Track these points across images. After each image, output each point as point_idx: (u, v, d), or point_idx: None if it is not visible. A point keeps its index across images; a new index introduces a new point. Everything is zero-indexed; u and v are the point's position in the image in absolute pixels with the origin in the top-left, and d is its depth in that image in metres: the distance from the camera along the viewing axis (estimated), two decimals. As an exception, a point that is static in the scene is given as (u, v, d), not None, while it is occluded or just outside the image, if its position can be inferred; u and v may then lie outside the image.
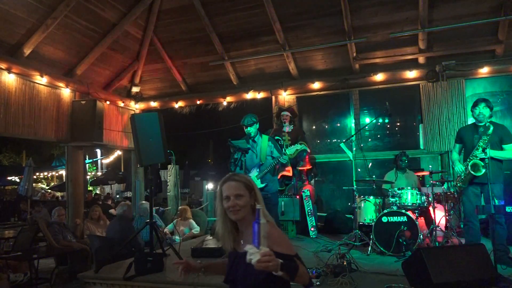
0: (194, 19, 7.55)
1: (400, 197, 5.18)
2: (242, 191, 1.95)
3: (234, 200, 1.92)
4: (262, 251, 1.58)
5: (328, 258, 4.12)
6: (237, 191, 1.94)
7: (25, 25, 6.13)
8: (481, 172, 4.12)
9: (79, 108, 7.35)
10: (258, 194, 2.02)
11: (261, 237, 1.61)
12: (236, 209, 1.92)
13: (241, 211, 1.93)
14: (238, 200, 1.93)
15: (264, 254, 1.57)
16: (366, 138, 7.93)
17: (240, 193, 1.94)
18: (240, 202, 1.93)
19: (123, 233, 5.33)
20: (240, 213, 1.93)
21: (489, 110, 4.29)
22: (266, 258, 1.57)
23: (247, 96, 8.39)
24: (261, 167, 4.58)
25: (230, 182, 1.98)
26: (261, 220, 1.64)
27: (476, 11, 6.43)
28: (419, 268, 3.05)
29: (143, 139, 4.31)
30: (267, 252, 1.59)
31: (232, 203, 1.92)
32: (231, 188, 1.95)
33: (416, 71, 7.17)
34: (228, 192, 1.95)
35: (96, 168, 23.57)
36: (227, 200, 1.94)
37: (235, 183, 1.97)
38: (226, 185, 1.98)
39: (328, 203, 7.97)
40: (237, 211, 1.92)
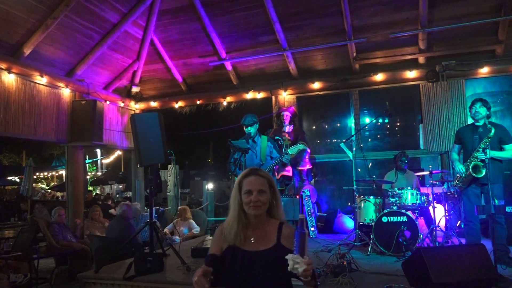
0: (194, 19, 7.55)
1: (400, 197, 5.18)
2: (265, 187, 1.92)
3: (257, 195, 1.89)
4: (306, 261, 1.60)
5: (328, 258, 4.12)
6: (261, 186, 1.91)
7: (25, 25, 6.12)
8: (482, 173, 4.12)
9: (79, 108, 7.35)
10: (277, 192, 2.00)
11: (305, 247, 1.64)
12: (258, 205, 1.88)
13: (261, 208, 1.90)
14: (261, 196, 1.89)
15: (309, 263, 1.60)
16: (366, 138, 7.93)
17: (263, 189, 1.91)
18: (263, 198, 1.89)
19: (123, 233, 5.33)
20: (261, 210, 1.90)
21: (485, 109, 4.31)
22: (311, 266, 1.60)
23: (247, 96, 8.39)
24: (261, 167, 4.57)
25: (254, 176, 1.94)
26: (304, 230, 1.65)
27: (476, 11, 6.43)
28: (419, 268, 3.05)
29: (143, 139, 4.31)
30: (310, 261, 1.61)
31: (255, 198, 1.88)
32: (255, 183, 1.91)
33: (416, 71, 7.17)
34: (251, 186, 1.90)
35: (96, 168, 23.57)
36: (248, 194, 1.90)
37: (259, 179, 1.93)
38: (249, 179, 1.94)
39: (328, 203, 7.97)
40: (258, 207, 1.88)
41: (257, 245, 1.90)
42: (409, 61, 7.26)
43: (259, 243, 1.91)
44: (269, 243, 1.84)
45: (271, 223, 1.94)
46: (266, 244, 1.85)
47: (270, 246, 1.84)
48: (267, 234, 1.88)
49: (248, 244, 1.91)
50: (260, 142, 4.69)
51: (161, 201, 13.39)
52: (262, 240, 1.90)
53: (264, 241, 1.88)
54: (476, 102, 4.38)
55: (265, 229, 1.93)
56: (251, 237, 1.93)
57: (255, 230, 1.94)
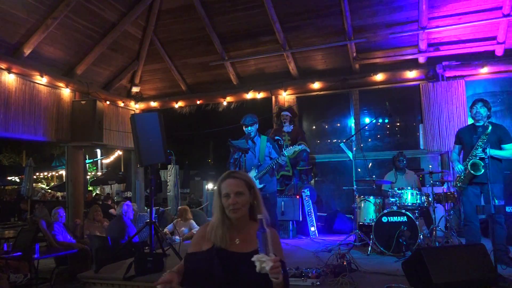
0: (194, 19, 7.55)
1: (400, 197, 5.18)
2: (242, 189, 1.92)
3: (234, 197, 1.89)
4: (273, 258, 1.59)
5: (328, 258, 4.12)
6: (237, 188, 1.91)
7: (25, 25, 6.13)
8: (481, 171, 4.12)
9: (79, 108, 7.35)
10: (257, 192, 1.99)
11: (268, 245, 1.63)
12: (237, 207, 1.88)
13: (241, 210, 1.90)
14: (238, 198, 1.89)
15: (275, 261, 1.59)
16: (366, 138, 7.93)
17: (240, 190, 1.91)
18: (240, 200, 1.90)
19: (123, 233, 5.33)
20: (240, 212, 1.90)
21: (486, 109, 4.30)
22: (277, 264, 1.59)
23: (247, 96, 8.39)
24: (259, 167, 4.57)
25: (230, 179, 1.94)
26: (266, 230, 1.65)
27: (476, 11, 6.42)
28: (419, 268, 3.05)
29: (143, 139, 4.31)
30: (277, 258, 1.60)
31: (232, 200, 1.88)
32: (232, 186, 1.91)
33: (416, 71, 7.17)
34: (228, 189, 1.91)
35: (96, 168, 23.56)
36: (227, 197, 1.90)
37: (235, 181, 1.93)
38: (226, 182, 1.94)
39: (328, 203, 7.97)
40: (237, 209, 1.89)
41: (242, 247, 1.89)
42: (409, 61, 7.26)
43: (243, 244, 1.90)
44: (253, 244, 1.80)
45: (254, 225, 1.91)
46: (250, 246, 1.83)
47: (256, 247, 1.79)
48: (251, 236, 1.84)
49: (233, 246, 1.91)
50: (259, 143, 4.69)
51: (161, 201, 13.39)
52: (247, 241, 1.89)
53: (249, 243, 1.86)
54: (477, 102, 4.36)
55: (249, 230, 1.92)
56: (235, 239, 1.93)
57: (239, 232, 1.94)
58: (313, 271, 3.62)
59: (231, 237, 1.93)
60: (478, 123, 4.33)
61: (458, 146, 4.61)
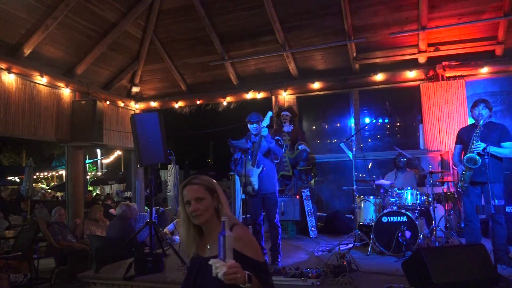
0: (194, 19, 7.55)
1: (400, 197, 5.18)
2: (202, 194, 1.87)
3: (195, 204, 1.84)
4: (228, 264, 1.54)
5: (328, 258, 4.12)
6: (197, 194, 1.86)
7: (25, 25, 6.13)
8: (477, 165, 4.10)
9: (79, 108, 7.34)
10: (221, 195, 1.93)
11: (226, 250, 1.57)
12: (198, 214, 1.84)
13: (203, 215, 1.85)
14: (199, 204, 1.85)
15: (230, 267, 1.54)
16: (366, 138, 7.93)
17: (200, 196, 1.86)
18: (201, 206, 1.85)
19: (123, 233, 5.33)
20: (203, 217, 1.86)
21: (488, 110, 4.28)
22: (232, 270, 1.54)
23: (247, 96, 8.39)
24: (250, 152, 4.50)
25: (189, 186, 1.90)
26: (226, 233, 1.59)
27: (476, 11, 6.42)
28: (419, 268, 3.05)
29: (143, 139, 4.31)
30: (233, 264, 1.55)
31: (193, 207, 1.84)
32: (191, 192, 1.87)
33: (416, 71, 7.17)
34: (188, 196, 1.87)
35: (96, 168, 23.55)
36: (189, 205, 1.86)
37: (195, 187, 1.89)
38: (186, 189, 1.90)
39: (328, 203, 7.97)
40: (199, 215, 1.84)
41: (212, 251, 1.86)
42: (409, 61, 7.26)
43: (214, 248, 1.84)
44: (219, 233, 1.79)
45: None
46: None
47: None
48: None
49: (205, 251, 1.90)
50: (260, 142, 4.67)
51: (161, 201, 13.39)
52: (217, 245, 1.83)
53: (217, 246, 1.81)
54: (479, 103, 4.31)
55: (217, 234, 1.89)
56: (207, 244, 1.91)
57: (209, 236, 1.91)
58: (313, 271, 3.63)
59: (203, 242, 1.91)
60: (478, 123, 4.31)
61: (459, 146, 4.59)
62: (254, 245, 1.86)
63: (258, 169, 4.49)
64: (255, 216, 4.61)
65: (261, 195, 4.56)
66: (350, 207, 5.96)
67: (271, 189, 4.59)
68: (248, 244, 1.81)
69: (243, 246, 1.78)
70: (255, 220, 4.64)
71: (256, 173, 4.48)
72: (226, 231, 1.60)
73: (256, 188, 4.48)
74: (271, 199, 4.58)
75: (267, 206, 4.59)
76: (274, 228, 4.56)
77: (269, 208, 4.58)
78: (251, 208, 4.59)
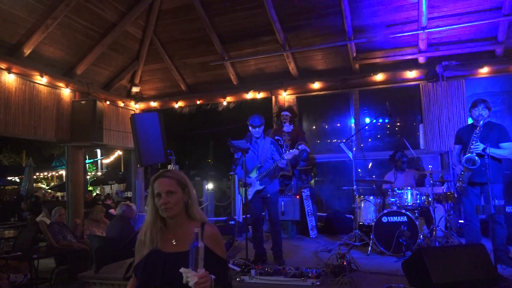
0: (194, 19, 7.55)
1: (400, 197, 5.18)
2: (174, 188, 1.87)
3: (165, 197, 1.85)
4: (199, 274, 1.59)
5: (328, 258, 4.13)
6: (168, 187, 1.86)
7: (25, 25, 6.12)
8: (476, 165, 4.10)
9: (79, 108, 7.34)
10: (191, 191, 1.95)
11: (198, 260, 1.61)
12: (168, 207, 1.84)
13: (173, 209, 1.86)
14: (170, 197, 1.85)
15: (201, 276, 1.58)
16: (366, 138, 7.93)
17: (171, 189, 1.87)
18: (172, 200, 1.85)
19: (123, 233, 5.32)
20: (172, 211, 1.86)
21: (488, 111, 4.27)
22: (203, 279, 1.58)
23: (247, 96, 8.39)
24: (260, 169, 4.58)
25: (162, 178, 1.90)
26: (199, 244, 1.62)
27: (476, 11, 6.42)
28: (419, 268, 3.05)
29: (143, 139, 4.32)
30: (204, 274, 1.60)
31: (163, 200, 1.84)
32: (163, 185, 1.87)
33: (416, 71, 7.17)
34: (159, 188, 1.87)
35: (96, 168, 23.56)
36: (159, 197, 1.86)
37: (167, 180, 1.89)
38: (157, 182, 1.90)
39: (328, 203, 7.97)
40: (169, 208, 1.85)
41: (179, 246, 1.86)
42: (409, 61, 7.26)
43: (180, 244, 1.86)
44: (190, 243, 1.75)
45: (192, 224, 1.89)
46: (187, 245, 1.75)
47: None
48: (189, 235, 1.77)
49: (169, 246, 1.88)
50: (262, 144, 4.67)
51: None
52: (184, 241, 1.84)
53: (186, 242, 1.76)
54: (479, 103, 4.29)
55: (187, 230, 1.87)
56: (172, 239, 1.90)
57: (175, 231, 1.91)
58: (313, 271, 3.63)
59: (167, 237, 1.90)
60: (478, 123, 4.29)
61: (458, 146, 4.59)
62: (222, 244, 1.94)
63: (261, 187, 4.56)
64: (255, 217, 4.64)
65: (261, 196, 4.61)
66: (350, 207, 5.96)
67: (272, 189, 4.64)
68: (219, 243, 1.90)
69: (214, 245, 1.86)
70: (255, 220, 4.66)
71: (257, 187, 4.56)
72: (199, 242, 1.62)
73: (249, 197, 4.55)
74: (272, 198, 4.64)
75: (269, 206, 4.66)
76: (275, 226, 4.64)
77: (270, 208, 4.65)
78: (251, 208, 4.61)
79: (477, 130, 4.20)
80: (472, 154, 4.16)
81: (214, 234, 1.91)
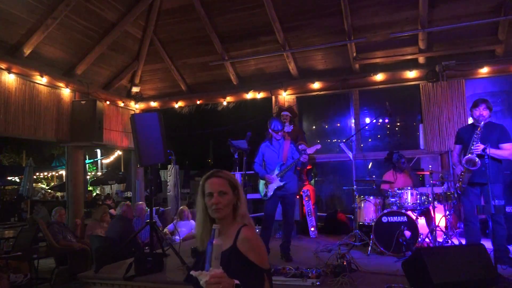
0: (194, 19, 7.55)
1: (400, 197, 5.18)
2: (225, 188, 1.86)
3: (217, 197, 1.84)
4: (212, 273, 1.52)
5: (328, 258, 4.12)
6: (221, 187, 1.85)
7: (25, 25, 6.13)
8: (476, 166, 4.10)
9: (79, 108, 7.34)
10: (241, 193, 1.93)
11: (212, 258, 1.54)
12: (219, 207, 1.83)
13: (223, 210, 1.85)
14: (222, 197, 1.84)
15: (213, 276, 1.51)
16: (366, 138, 7.93)
17: (223, 190, 1.86)
18: (223, 200, 1.84)
19: (123, 233, 5.33)
20: (223, 212, 1.84)
21: (489, 111, 4.26)
22: (215, 280, 1.50)
23: (247, 96, 8.38)
24: (282, 166, 4.77)
25: (214, 178, 1.89)
26: (214, 241, 1.57)
27: (476, 11, 6.42)
28: (419, 268, 3.05)
29: (143, 139, 4.31)
30: (217, 273, 1.52)
31: (215, 200, 1.83)
32: (215, 185, 1.86)
33: (416, 71, 7.17)
34: (211, 188, 1.86)
35: (96, 168, 23.56)
36: (210, 197, 1.85)
37: (219, 180, 1.88)
38: (209, 181, 1.89)
39: (328, 203, 7.97)
40: (220, 209, 1.83)
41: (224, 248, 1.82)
42: (409, 61, 7.26)
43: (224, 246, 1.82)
44: (226, 245, 1.77)
45: (234, 225, 1.88)
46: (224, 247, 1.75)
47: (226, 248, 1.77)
48: (228, 237, 1.80)
49: None
50: (283, 144, 4.89)
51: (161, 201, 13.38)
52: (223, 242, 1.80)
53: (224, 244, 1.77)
54: (480, 103, 4.27)
55: (228, 231, 1.86)
56: None
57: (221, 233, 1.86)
58: (313, 271, 3.63)
59: None
60: (479, 123, 4.27)
61: (459, 146, 4.58)
62: (260, 250, 1.83)
63: (281, 183, 4.72)
64: (268, 215, 4.81)
65: (280, 195, 4.76)
66: (350, 207, 5.96)
67: (292, 190, 4.77)
68: (255, 248, 1.78)
69: (247, 249, 1.77)
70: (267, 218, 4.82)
71: (277, 184, 4.72)
72: (215, 240, 1.58)
73: (269, 194, 4.74)
74: (290, 199, 4.80)
75: (286, 205, 4.82)
76: (290, 225, 4.83)
77: (287, 208, 4.81)
78: (267, 206, 4.80)
79: (477, 131, 4.19)
80: (472, 155, 4.15)
81: (248, 237, 1.81)
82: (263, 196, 4.86)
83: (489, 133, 4.24)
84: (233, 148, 5.00)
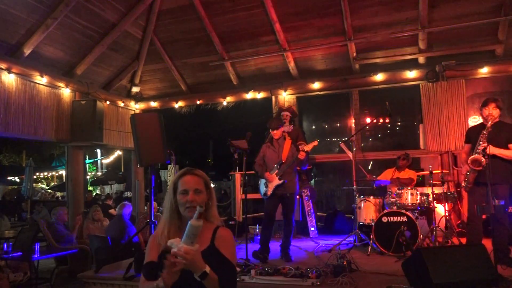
0: (194, 19, 7.54)
1: (400, 197, 5.18)
2: (201, 187, 1.86)
3: (193, 195, 1.82)
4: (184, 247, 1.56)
5: (328, 258, 4.13)
6: (196, 185, 1.84)
7: (25, 25, 6.12)
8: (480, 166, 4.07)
9: (79, 108, 7.34)
10: (213, 192, 1.93)
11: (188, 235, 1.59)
12: (194, 205, 1.79)
13: None
14: (197, 195, 1.83)
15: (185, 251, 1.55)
16: (366, 138, 7.93)
17: (199, 188, 1.85)
18: (199, 199, 1.83)
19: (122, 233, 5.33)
20: None
21: (498, 110, 4.18)
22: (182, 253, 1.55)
23: (247, 96, 8.38)
24: (281, 164, 4.81)
25: (189, 175, 1.88)
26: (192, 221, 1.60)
27: (476, 11, 6.42)
28: (419, 268, 3.05)
29: (143, 139, 4.32)
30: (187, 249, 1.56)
31: (191, 197, 1.81)
32: (190, 182, 1.85)
33: (416, 71, 7.17)
34: (187, 185, 1.84)
35: (96, 168, 23.56)
36: (184, 194, 1.83)
37: (194, 178, 1.87)
38: (184, 179, 1.87)
39: (328, 203, 7.97)
40: (194, 207, 1.78)
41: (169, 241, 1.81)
42: (409, 61, 7.26)
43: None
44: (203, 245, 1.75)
45: (207, 226, 1.85)
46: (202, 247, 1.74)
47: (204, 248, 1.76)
48: (201, 237, 1.75)
49: None
50: (283, 144, 4.94)
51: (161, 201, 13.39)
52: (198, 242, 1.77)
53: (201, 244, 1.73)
54: (489, 102, 4.21)
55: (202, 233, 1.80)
56: None
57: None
58: (313, 271, 3.63)
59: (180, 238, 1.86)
60: (487, 123, 4.19)
61: (468, 145, 4.50)
62: (232, 247, 1.89)
63: (280, 181, 4.76)
64: (268, 214, 4.85)
65: (279, 194, 4.79)
66: (350, 207, 5.96)
67: (292, 189, 4.78)
68: (227, 244, 1.84)
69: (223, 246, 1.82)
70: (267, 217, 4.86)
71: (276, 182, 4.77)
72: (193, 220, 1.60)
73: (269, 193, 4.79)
74: (290, 199, 4.82)
75: (286, 205, 4.85)
76: (290, 225, 4.83)
77: (287, 208, 4.84)
78: (267, 205, 4.86)
79: (485, 131, 4.13)
80: (478, 155, 4.12)
81: (226, 235, 1.87)
82: (263, 196, 4.89)
83: (498, 133, 4.16)
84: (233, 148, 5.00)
